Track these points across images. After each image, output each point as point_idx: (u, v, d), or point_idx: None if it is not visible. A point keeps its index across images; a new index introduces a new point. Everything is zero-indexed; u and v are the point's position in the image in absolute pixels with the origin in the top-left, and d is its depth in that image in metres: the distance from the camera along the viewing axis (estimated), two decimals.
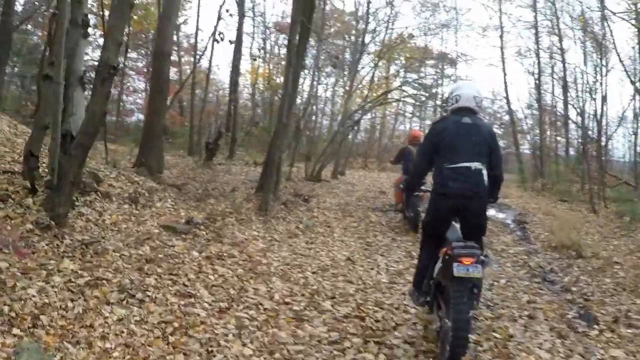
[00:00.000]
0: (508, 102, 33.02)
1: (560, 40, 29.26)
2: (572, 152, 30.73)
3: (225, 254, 7.70)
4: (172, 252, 7.29)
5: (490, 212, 15.91)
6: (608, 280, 8.22)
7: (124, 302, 5.30)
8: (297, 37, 12.66)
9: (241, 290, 6.29)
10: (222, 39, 18.04)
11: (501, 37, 32.64)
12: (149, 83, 17.08)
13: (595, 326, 6.10)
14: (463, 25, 51.55)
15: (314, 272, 7.65)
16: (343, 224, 11.97)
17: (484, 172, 5.09)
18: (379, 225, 12.32)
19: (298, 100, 24.06)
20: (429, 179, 5.70)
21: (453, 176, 5.06)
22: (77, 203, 7.92)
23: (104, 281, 5.62)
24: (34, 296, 4.89)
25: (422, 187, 6.47)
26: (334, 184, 19.54)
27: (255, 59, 30.55)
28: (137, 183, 10.57)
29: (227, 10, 21.37)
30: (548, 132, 33.56)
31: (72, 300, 5.04)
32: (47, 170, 7.85)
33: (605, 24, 23.12)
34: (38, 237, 6.34)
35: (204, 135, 23.01)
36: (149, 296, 5.55)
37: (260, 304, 5.87)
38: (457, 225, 5.27)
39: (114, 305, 5.18)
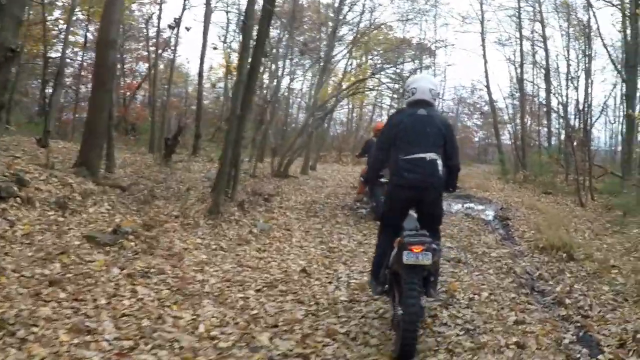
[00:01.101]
0: (489, 91, 32.02)
1: (543, 27, 28.53)
2: (554, 142, 30.01)
3: (153, 270, 6.42)
4: (88, 269, 6.04)
5: (470, 206, 14.95)
6: (606, 288, 7.08)
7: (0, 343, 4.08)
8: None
9: (157, 321, 5.00)
10: (177, 24, 16.85)
11: (482, 23, 31.71)
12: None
13: (600, 357, 4.93)
14: (442, 12, 50.51)
15: (258, 290, 6.35)
16: (305, 226, 10.74)
17: (439, 162, 5.22)
18: (345, 226, 11.10)
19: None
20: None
21: (408, 167, 5.18)
22: None
23: None
24: None
25: (382, 179, 6.52)
26: (303, 180, 18.25)
27: (216, 48, 28.93)
28: (71, 186, 9.31)
29: None
30: (529, 122, 32.67)
31: None
32: None
33: (590, 10, 22.44)
34: None
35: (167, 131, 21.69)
36: (34, 333, 4.31)
37: (176, 341, 4.60)
38: (415, 215, 5.46)
39: None
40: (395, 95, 30.16)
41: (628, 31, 22.97)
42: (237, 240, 8.80)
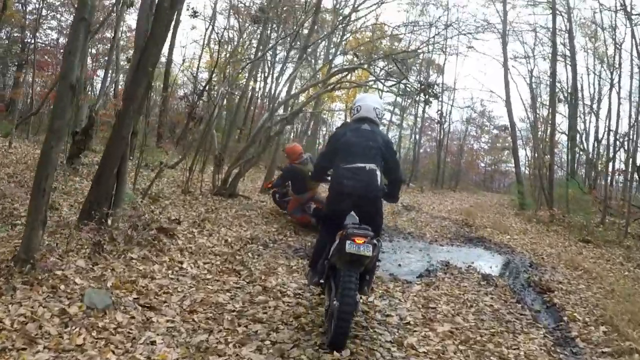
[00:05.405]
0: (508, 105, 27.15)
1: (571, 40, 24.58)
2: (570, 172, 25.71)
3: None
4: None
5: (487, 260, 10.46)
6: None
7: None
8: None
9: None
10: None
11: (504, 23, 27.70)
12: None
13: None
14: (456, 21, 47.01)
15: None
16: (197, 297, 5.73)
17: (378, 172, 5.39)
18: (276, 300, 6.12)
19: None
20: None
21: (348, 175, 5.33)
22: None
23: None
24: None
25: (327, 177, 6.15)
26: (256, 202, 13.13)
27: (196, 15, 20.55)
28: None
29: None
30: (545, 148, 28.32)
31: None
32: None
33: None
34: None
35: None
36: None
37: None
38: (356, 218, 5.40)
39: None
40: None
41: None
42: (12, 337, 4.05)
